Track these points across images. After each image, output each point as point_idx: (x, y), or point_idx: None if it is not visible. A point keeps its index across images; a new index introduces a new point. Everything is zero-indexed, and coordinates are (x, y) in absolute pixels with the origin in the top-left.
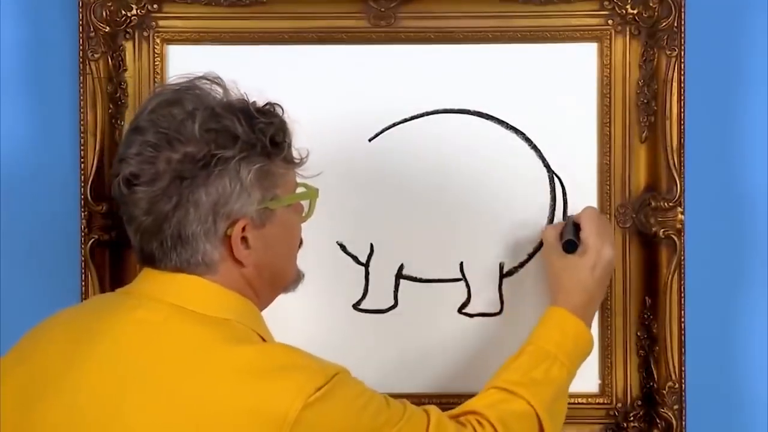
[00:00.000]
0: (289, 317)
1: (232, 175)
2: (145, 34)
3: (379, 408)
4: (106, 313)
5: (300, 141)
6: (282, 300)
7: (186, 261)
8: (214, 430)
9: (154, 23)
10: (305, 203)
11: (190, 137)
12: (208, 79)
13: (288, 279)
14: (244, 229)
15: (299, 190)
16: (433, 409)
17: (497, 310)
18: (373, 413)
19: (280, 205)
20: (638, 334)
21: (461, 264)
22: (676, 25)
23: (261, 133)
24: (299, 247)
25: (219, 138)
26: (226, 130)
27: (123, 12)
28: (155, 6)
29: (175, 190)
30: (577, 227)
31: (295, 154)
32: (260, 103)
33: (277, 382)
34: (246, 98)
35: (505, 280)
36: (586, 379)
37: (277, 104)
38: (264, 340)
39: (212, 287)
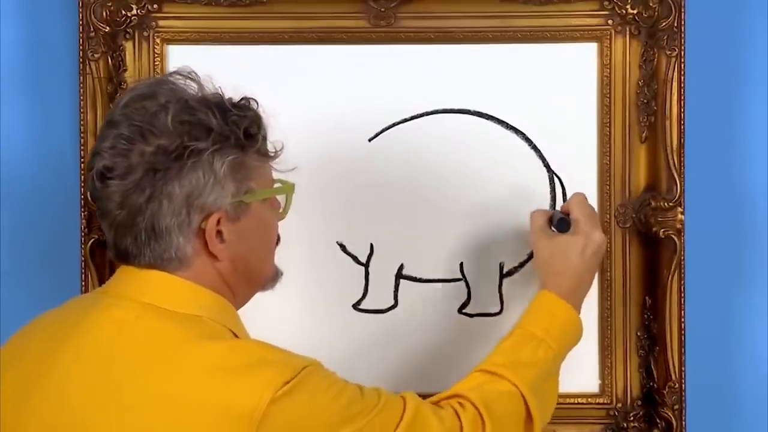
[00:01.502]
0: (289, 317)
1: (206, 167)
2: (145, 34)
3: (351, 398)
4: (82, 314)
5: (300, 141)
6: (282, 300)
7: (159, 257)
8: (185, 427)
9: (154, 23)
10: (282, 199)
11: (163, 129)
12: (182, 74)
13: (265, 276)
14: (219, 222)
15: (276, 185)
16: (410, 395)
17: (497, 310)
18: (344, 404)
19: (255, 199)
20: (638, 334)
21: (461, 264)
22: (676, 25)
23: (235, 126)
24: (277, 244)
25: (192, 130)
26: (199, 122)
27: (123, 12)
28: (155, 6)
29: (149, 182)
30: (565, 215)
31: (270, 147)
32: (236, 98)
33: (245, 378)
34: (221, 92)
35: (505, 280)
36: (586, 379)
37: (252, 99)
38: (237, 336)
39: (184, 284)
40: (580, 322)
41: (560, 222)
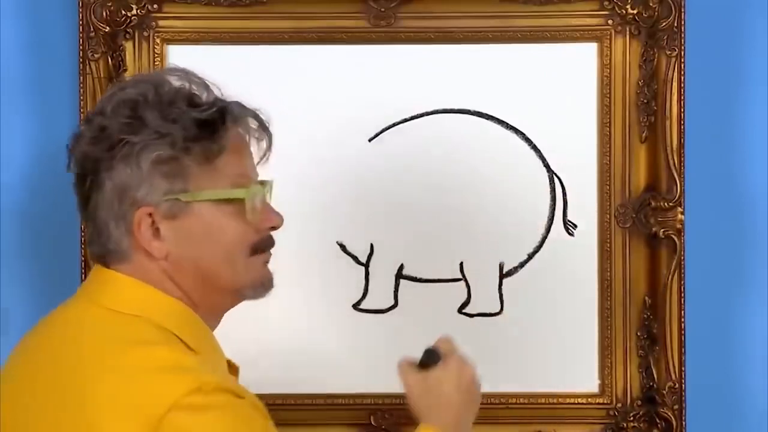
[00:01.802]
0: (289, 317)
1: (133, 161)
2: (145, 34)
3: None
4: (50, 316)
5: (299, 141)
6: (282, 300)
7: (104, 248)
8: (97, 429)
9: (154, 23)
10: (249, 204)
11: (103, 121)
12: (177, 72)
13: (232, 283)
14: (152, 218)
15: (239, 190)
16: None
17: (497, 310)
18: None
19: (195, 200)
20: (638, 334)
21: (461, 264)
22: (676, 25)
23: (174, 124)
24: (260, 251)
25: (130, 124)
26: (138, 116)
27: (123, 12)
28: (155, 6)
29: (91, 170)
30: (429, 351)
31: (217, 150)
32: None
33: (157, 381)
34: (180, 88)
35: (505, 280)
36: (586, 379)
37: (231, 103)
38: (184, 342)
39: (126, 281)
40: None
41: (428, 353)
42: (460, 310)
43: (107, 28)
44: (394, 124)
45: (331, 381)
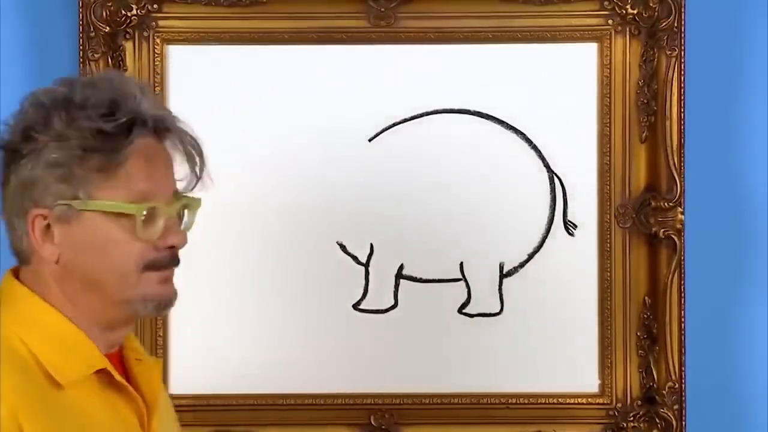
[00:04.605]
0: (289, 317)
1: (34, 160)
2: (145, 34)
3: None
4: None
5: (300, 141)
6: (282, 300)
7: (14, 245)
8: None
9: (154, 23)
10: (139, 221)
11: (19, 118)
12: (112, 77)
13: (118, 295)
14: (46, 220)
15: (136, 206)
16: None
17: (497, 310)
18: None
19: (86, 209)
20: (638, 334)
21: (461, 264)
22: (676, 25)
23: (76, 130)
24: (158, 268)
25: (38, 124)
26: (44, 118)
27: (123, 12)
28: (155, 6)
29: (5, 163)
30: None
31: (118, 162)
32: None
33: None
34: (94, 94)
35: (505, 280)
36: (586, 379)
37: (143, 116)
38: (23, 340)
39: (20, 294)
40: None
41: None
42: (460, 310)
43: (107, 28)
44: (394, 124)
45: (331, 381)
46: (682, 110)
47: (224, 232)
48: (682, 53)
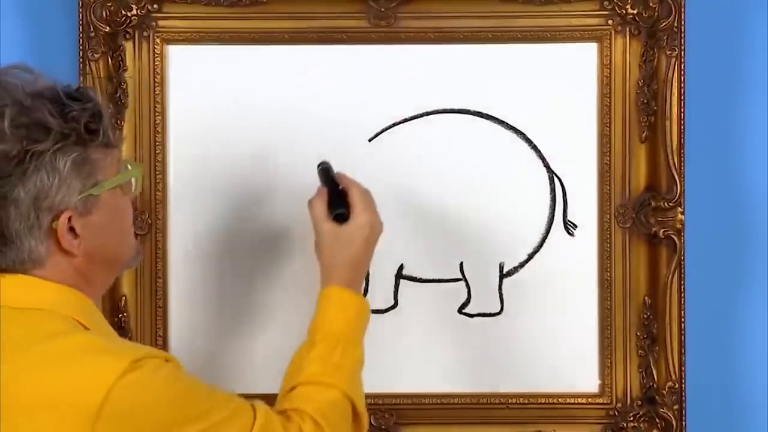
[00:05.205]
0: (289, 317)
1: (49, 168)
2: (145, 34)
3: (198, 396)
4: None
5: (300, 141)
6: (282, 300)
7: (12, 261)
8: (25, 423)
9: (154, 23)
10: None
11: (1, 135)
12: (17, 68)
13: (124, 259)
14: (70, 220)
15: (124, 168)
16: (261, 405)
17: (497, 310)
18: (189, 399)
19: (104, 190)
20: (638, 334)
21: (461, 264)
22: (676, 25)
23: (75, 122)
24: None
25: (31, 132)
26: (37, 122)
27: (123, 12)
28: (155, 6)
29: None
30: (340, 194)
31: (111, 135)
32: (73, 87)
33: (79, 369)
34: (56, 85)
35: (505, 280)
36: (586, 379)
37: (90, 88)
38: (84, 326)
39: (25, 280)
40: (367, 304)
41: (339, 216)
42: (460, 310)
43: (107, 28)
44: (394, 124)
45: None
46: (682, 110)
47: (224, 232)
48: (682, 53)
